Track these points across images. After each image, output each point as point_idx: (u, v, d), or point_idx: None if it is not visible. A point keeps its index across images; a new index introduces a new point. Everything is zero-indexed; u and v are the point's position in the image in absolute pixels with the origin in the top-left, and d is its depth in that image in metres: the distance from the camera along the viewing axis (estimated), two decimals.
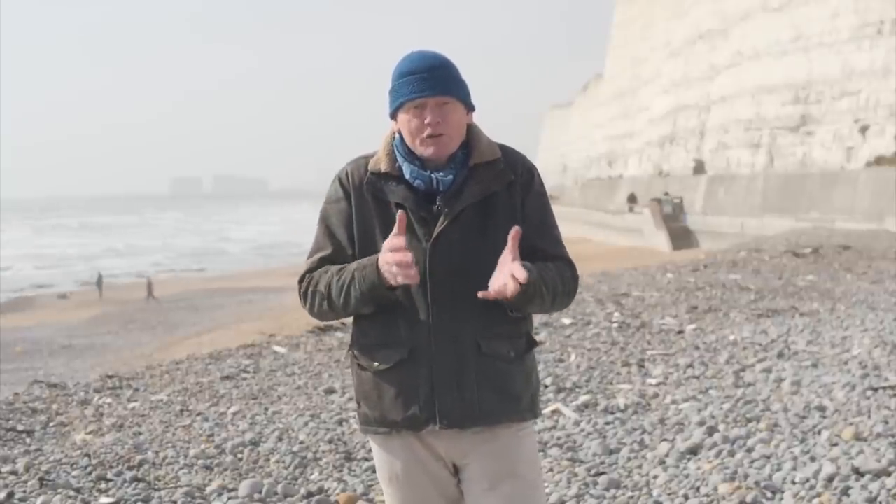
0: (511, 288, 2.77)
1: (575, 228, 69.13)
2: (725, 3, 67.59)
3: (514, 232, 2.82)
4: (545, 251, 2.99)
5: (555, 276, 2.94)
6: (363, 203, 2.98)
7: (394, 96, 2.97)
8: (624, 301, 14.76)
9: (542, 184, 3.07)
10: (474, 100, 3.05)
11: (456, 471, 3.06)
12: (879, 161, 46.67)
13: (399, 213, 2.83)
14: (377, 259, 2.85)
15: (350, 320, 3.04)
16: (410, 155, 2.98)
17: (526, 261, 2.92)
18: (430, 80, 2.92)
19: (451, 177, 2.96)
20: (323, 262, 3.00)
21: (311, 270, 3.02)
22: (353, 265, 2.91)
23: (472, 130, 3.04)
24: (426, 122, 2.92)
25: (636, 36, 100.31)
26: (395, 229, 2.81)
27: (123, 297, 41.08)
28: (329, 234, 3.01)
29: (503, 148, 3.05)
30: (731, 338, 11.06)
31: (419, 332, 2.93)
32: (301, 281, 3.03)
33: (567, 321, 12.23)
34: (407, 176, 2.97)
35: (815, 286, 16.69)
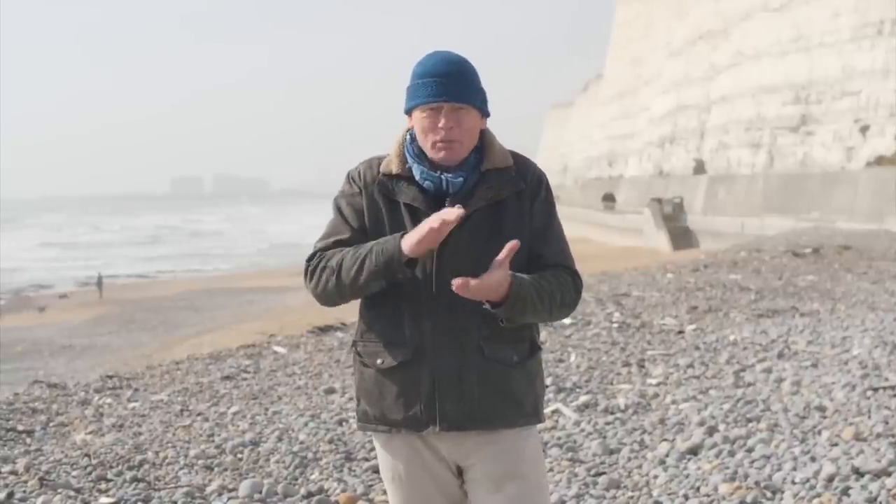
0: (479, 287, 2.78)
1: (575, 228, 69.16)
2: (726, 3, 67.58)
3: (513, 244, 2.83)
4: (545, 258, 2.99)
5: (553, 288, 2.94)
6: (373, 203, 3.00)
7: (410, 95, 2.98)
8: (624, 301, 14.75)
9: (550, 192, 3.08)
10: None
11: (459, 472, 3.07)
12: (880, 161, 46.68)
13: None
14: (399, 234, 2.87)
15: (353, 318, 3.05)
16: (421, 156, 2.99)
17: (529, 266, 2.95)
18: (448, 86, 2.93)
19: (461, 179, 2.97)
20: (338, 244, 2.99)
21: (324, 250, 3.01)
22: (372, 242, 2.92)
23: (485, 136, 3.04)
24: (440, 126, 2.93)
25: (637, 36, 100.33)
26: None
27: (124, 297, 41.07)
28: (344, 220, 3.02)
29: (515, 156, 3.06)
30: (732, 338, 11.06)
31: (423, 332, 2.94)
32: (310, 259, 3.02)
33: (567, 321, 12.22)
34: (417, 177, 2.98)
35: (815, 286, 16.68)
